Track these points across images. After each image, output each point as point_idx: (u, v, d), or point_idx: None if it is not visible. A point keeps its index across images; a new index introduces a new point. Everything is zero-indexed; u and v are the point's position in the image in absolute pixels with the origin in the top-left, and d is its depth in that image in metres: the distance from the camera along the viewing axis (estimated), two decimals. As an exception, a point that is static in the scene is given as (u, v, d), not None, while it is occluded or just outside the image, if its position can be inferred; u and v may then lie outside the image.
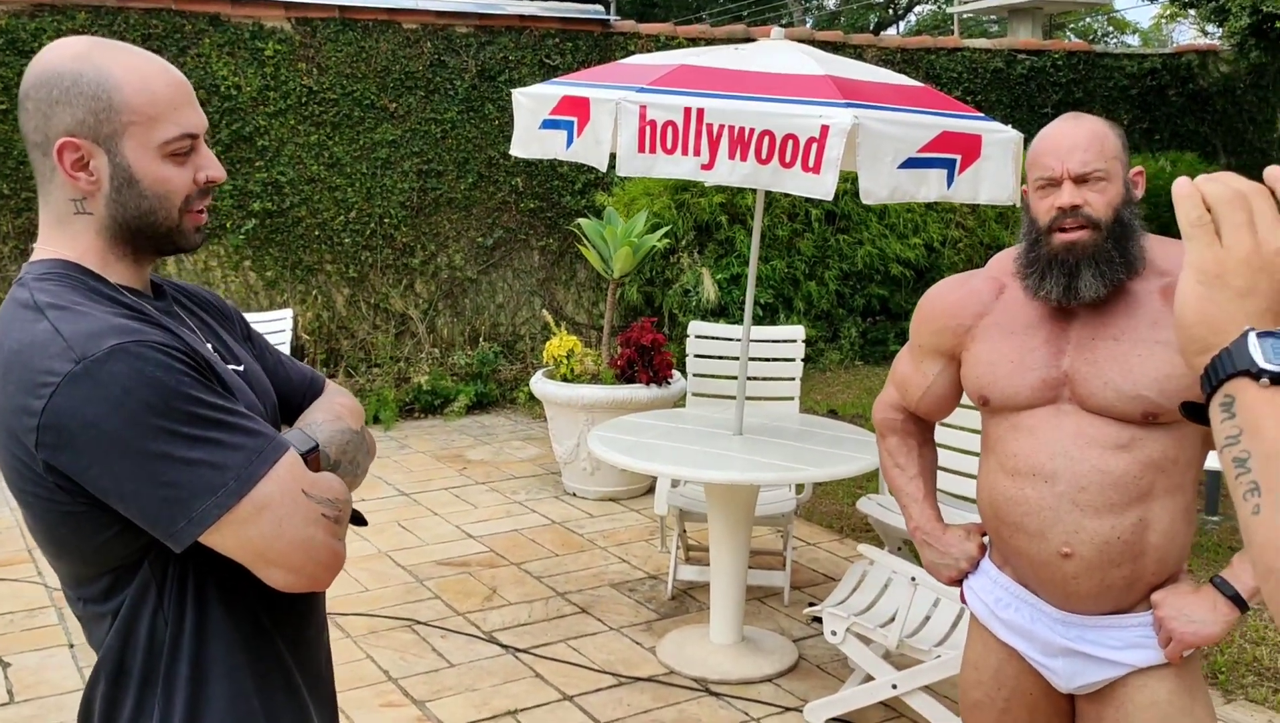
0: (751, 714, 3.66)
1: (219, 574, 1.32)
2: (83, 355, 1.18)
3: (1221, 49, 11.91)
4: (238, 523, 1.22)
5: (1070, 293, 1.90)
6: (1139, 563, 1.93)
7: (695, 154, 3.15)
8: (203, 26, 7.36)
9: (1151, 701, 1.96)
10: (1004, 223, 9.79)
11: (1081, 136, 1.89)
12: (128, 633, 1.30)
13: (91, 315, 1.23)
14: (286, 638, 1.41)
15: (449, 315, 8.37)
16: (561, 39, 8.52)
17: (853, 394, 8.07)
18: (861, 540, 5.29)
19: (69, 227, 1.33)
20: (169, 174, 1.32)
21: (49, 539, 1.29)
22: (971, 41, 10.73)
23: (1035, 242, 1.95)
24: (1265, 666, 3.96)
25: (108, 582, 1.30)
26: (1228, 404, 0.82)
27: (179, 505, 1.20)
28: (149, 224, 1.32)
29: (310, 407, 1.55)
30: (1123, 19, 29.51)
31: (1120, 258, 1.88)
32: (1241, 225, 0.84)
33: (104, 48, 1.30)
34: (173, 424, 1.19)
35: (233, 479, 1.21)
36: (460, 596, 4.62)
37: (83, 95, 1.27)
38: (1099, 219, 1.88)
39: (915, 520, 2.24)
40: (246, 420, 1.26)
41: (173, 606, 1.30)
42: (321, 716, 1.49)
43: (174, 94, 1.32)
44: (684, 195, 8.21)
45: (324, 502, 1.30)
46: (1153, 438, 1.90)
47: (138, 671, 1.31)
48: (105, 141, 1.28)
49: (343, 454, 1.48)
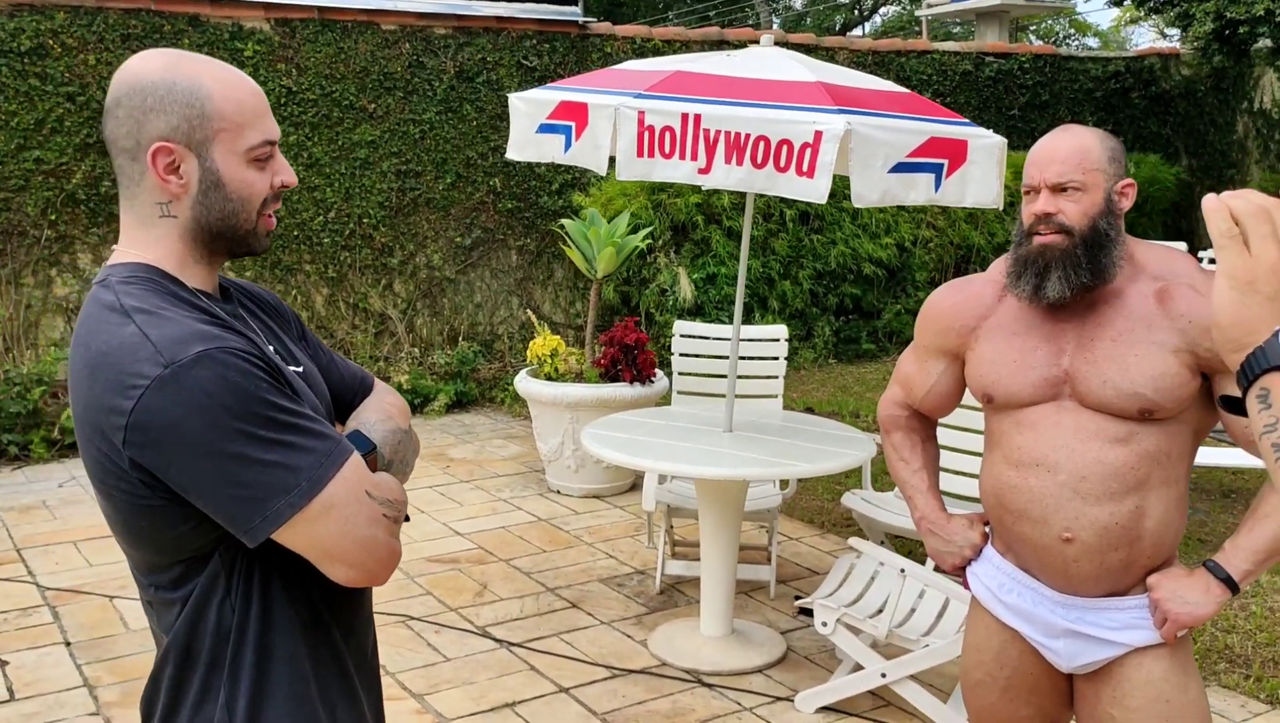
0: (744, 704, 3.75)
1: (283, 567, 1.39)
2: (171, 361, 1.25)
3: (1183, 53, 12.16)
4: (307, 522, 1.30)
5: (1039, 292, 2.04)
6: (1135, 548, 2.04)
7: (693, 158, 3.23)
8: (182, 27, 7.35)
9: (1147, 678, 2.07)
10: (974, 224, 9.97)
11: (1063, 150, 2.03)
12: (196, 619, 1.38)
13: (176, 321, 1.30)
14: (341, 627, 1.49)
15: (428, 315, 8.42)
16: (539, 40, 8.58)
17: (828, 392, 8.19)
18: (843, 535, 5.41)
19: (152, 229, 1.39)
20: (252, 178, 1.40)
21: (127, 529, 1.36)
22: (941, 44, 10.90)
23: (1019, 243, 2.10)
24: (1237, 653, 4.10)
25: (179, 571, 1.37)
26: (1264, 396, 0.91)
27: (254, 504, 1.28)
28: (230, 226, 1.40)
29: (361, 405, 1.62)
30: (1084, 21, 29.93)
31: (1088, 264, 2.01)
32: (1267, 236, 0.95)
33: (192, 59, 1.38)
34: (251, 427, 1.26)
35: (305, 481, 1.29)
36: (452, 592, 4.68)
37: (177, 103, 1.35)
38: (1071, 226, 2.01)
39: (920, 511, 2.34)
40: (316, 424, 1.33)
41: (240, 595, 1.38)
42: (369, 698, 1.57)
43: (257, 103, 1.40)
44: (661, 196, 8.30)
45: (384, 502, 1.38)
46: (1148, 432, 2.01)
47: (205, 655, 1.38)
48: (197, 147, 1.36)
49: (395, 453, 1.55)
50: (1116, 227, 2.04)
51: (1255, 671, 3.95)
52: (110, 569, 4.89)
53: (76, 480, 6.24)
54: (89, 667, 3.98)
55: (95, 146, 7.19)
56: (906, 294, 9.69)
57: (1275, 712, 3.71)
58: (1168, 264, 2.07)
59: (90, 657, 4.05)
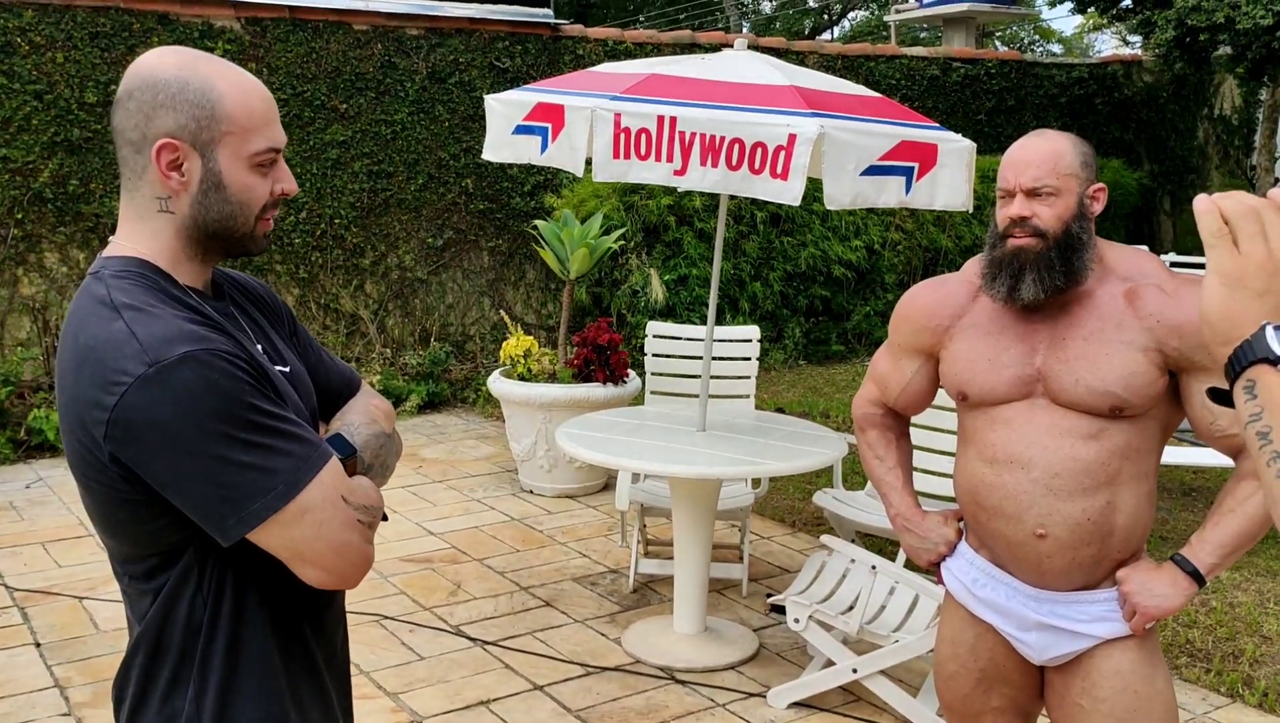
0: (717, 701, 3.80)
1: (256, 565, 1.41)
2: (155, 360, 1.27)
3: (1145, 60, 12.35)
4: (282, 524, 1.32)
5: (1014, 294, 2.09)
6: (1107, 543, 2.10)
7: (668, 160, 3.27)
8: (151, 25, 7.31)
9: (1116, 669, 2.13)
10: (941, 226, 10.08)
11: (1037, 154, 2.07)
12: (168, 611, 1.40)
13: (164, 319, 1.31)
14: (312, 624, 1.51)
15: (399, 316, 8.41)
16: (511, 41, 8.60)
17: (798, 392, 8.26)
18: (813, 534, 5.47)
19: (149, 223, 1.41)
20: (253, 183, 1.42)
21: (104, 520, 1.38)
22: (909, 50, 11.01)
23: (993, 246, 2.14)
24: (1198, 647, 4.19)
25: (154, 562, 1.39)
26: (1250, 387, 0.97)
27: (231, 505, 1.30)
28: (227, 228, 1.42)
29: (346, 407, 1.64)
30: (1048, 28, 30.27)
31: (1062, 267, 2.06)
32: (1256, 235, 1.00)
33: (207, 60, 1.40)
34: (232, 429, 1.28)
35: (282, 484, 1.31)
36: (425, 591, 4.70)
37: (188, 102, 1.36)
38: (1046, 230, 2.06)
39: (895, 508, 2.39)
40: (296, 428, 1.36)
41: (212, 590, 1.40)
42: (338, 695, 1.59)
43: (267, 110, 1.42)
44: (633, 197, 8.34)
45: (360, 508, 1.41)
46: (1119, 429, 2.07)
47: (175, 646, 1.41)
48: (202, 147, 1.38)
49: (376, 457, 1.58)
50: (1088, 230, 2.09)
51: (1216, 664, 4.04)
52: (79, 570, 4.86)
53: (44, 481, 6.19)
54: (59, 668, 3.96)
55: (63, 145, 7.14)
56: (876, 296, 9.78)
57: (1235, 705, 3.79)
58: (1136, 265, 2.13)
59: (60, 658, 4.03)
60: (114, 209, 7.27)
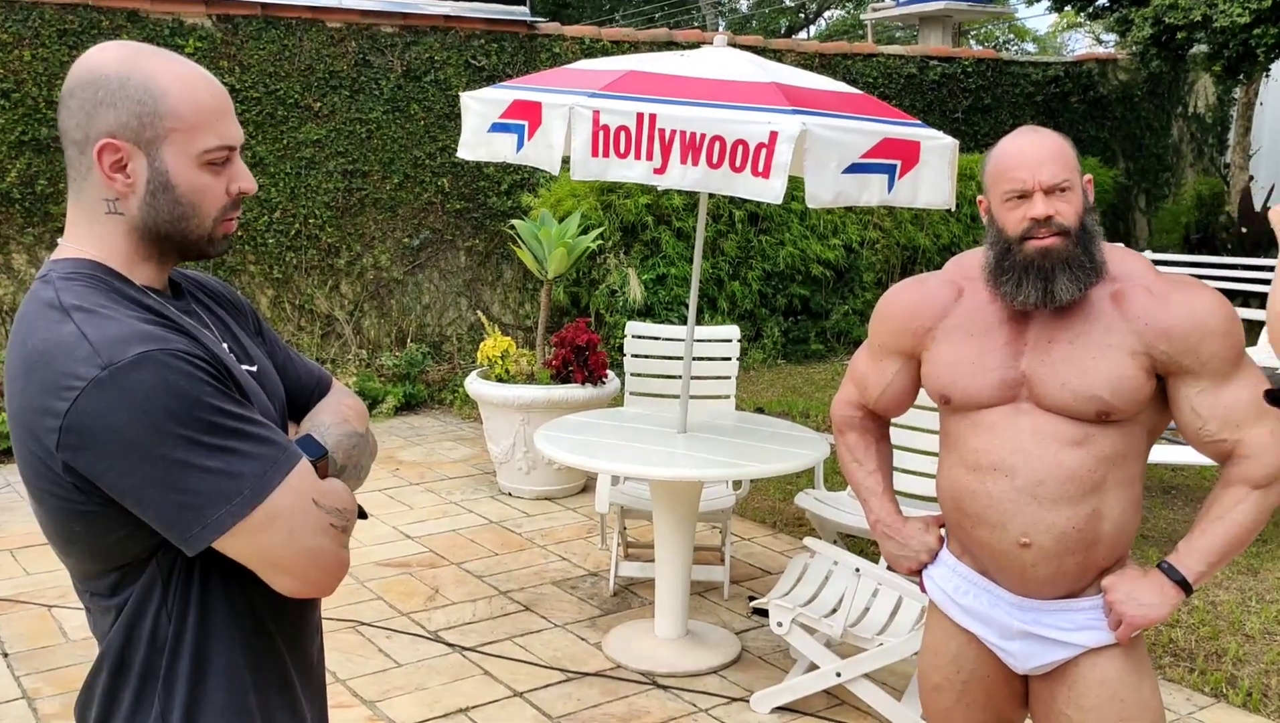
0: (699, 706, 3.75)
1: (223, 575, 1.35)
2: (109, 361, 1.20)
3: (1120, 58, 12.39)
4: (250, 531, 1.25)
5: (1048, 296, 2.00)
6: (1092, 551, 2.05)
7: (648, 158, 3.22)
8: (120, 22, 7.20)
9: (1102, 678, 2.08)
10: (919, 225, 10.07)
11: (1047, 150, 2.00)
12: (131, 628, 1.33)
13: (117, 320, 1.25)
14: (285, 636, 1.45)
15: (375, 316, 8.32)
16: (487, 40, 8.53)
17: (777, 392, 8.23)
18: (794, 535, 5.43)
19: (98, 225, 1.34)
20: (205, 183, 1.35)
21: (60, 534, 1.31)
22: (886, 48, 11.00)
23: (1006, 251, 2.03)
24: (1181, 647, 4.17)
25: (115, 578, 1.33)
26: None
27: (194, 512, 1.23)
28: (179, 230, 1.35)
29: (317, 407, 1.58)
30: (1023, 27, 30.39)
31: (1090, 263, 2.00)
32: None
33: (151, 54, 1.33)
34: (193, 432, 1.21)
35: (248, 488, 1.24)
36: (403, 596, 4.63)
37: (129, 99, 1.29)
38: (1069, 227, 1.99)
39: (875, 514, 2.33)
40: (263, 429, 1.29)
41: (177, 604, 1.33)
42: (312, 708, 1.52)
43: (216, 105, 1.34)
44: (610, 197, 8.28)
45: (333, 512, 1.34)
46: (1105, 435, 2.02)
47: (139, 665, 1.34)
48: (146, 146, 1.31)
49: (349, 458, 1.51)
50: (1096, 221, 2.05)
51: (1199, 664, 4.02)
52: (47, 578, 4.76)
53: (12, 487, 6.08)
54: (27, 678, 3.87)
55: (30, 145, 7.02)
56: (854, 294, 9.76)
57: (1220, 705, 3.78)
58: (1123, 265, 2.08)
59: (28, 668, 3.95)
60: (83, 209, 7.16)
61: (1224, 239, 11.81)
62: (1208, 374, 1.99)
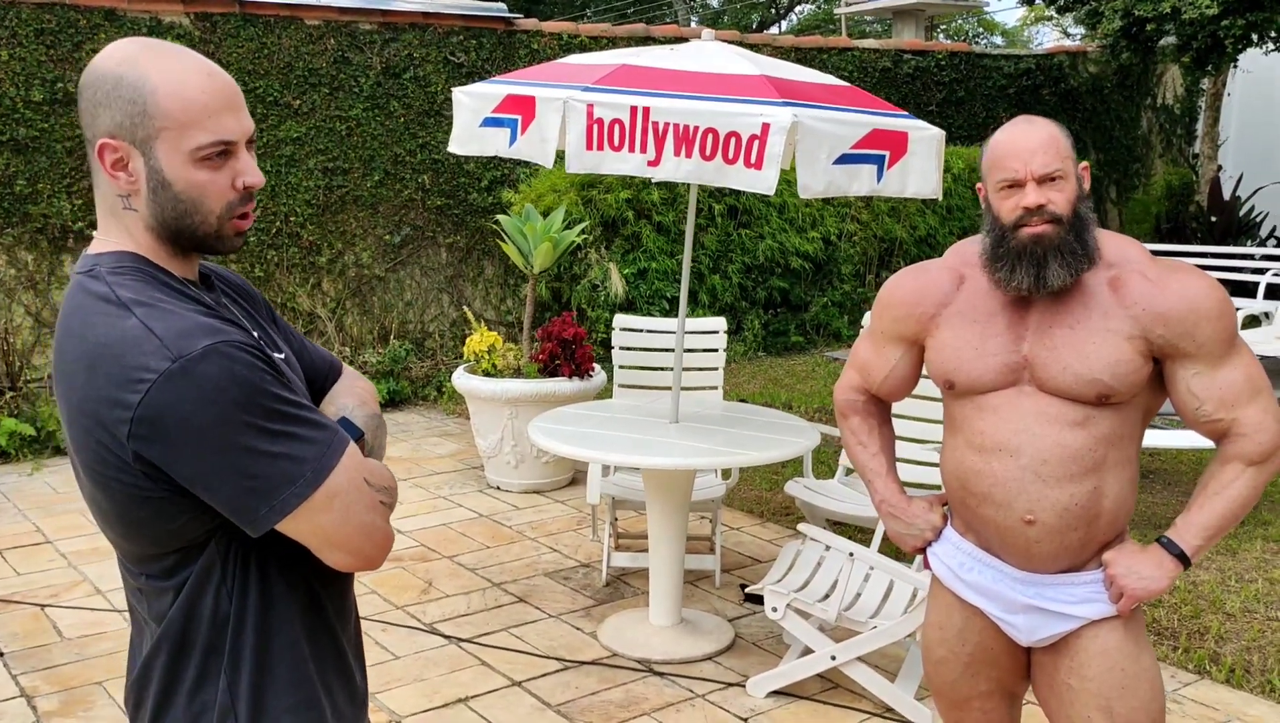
0: (696, 692, 3.80)
1: (278, 553, 1.40)
2: (179, 355, 1.25)
3: (1090, 50, 12.53)
4: (311, 511, 1.31)
5: (1040, 282, 2.06)
6: (1093, 527, 2.12)
7: (642, 151, 3.26)
8: (98, 21, 7.16)
9: (1103, 649, 2.15)
10: (896, 217, 10.16)
11: (1039, 140, 2.06)
12: (191, 607, 1.38)
13: (178, 314, 1.29)
14: (334, 607, 1.51)
15: (357, 314, 8.32)
16: (465, 36, 8.53)
17: (759, 384, 8.29)
18: (782, 524, 5.49)
19: (121, 219, 1.39)
20: (202, 179, 1.36)
21: (123, 520, 1.35)
22: (861, 42, 11.08)
23: (1001, 238, 2.10)
24: (1164, 626, 4.26)
25: (174, 560, 1.37)
26: None
27: (261, 495, 1.29)
28: (185, 226, 1.38)
29: (334, 390, 1.63)
30: (992, 20, 30.62)
31: (1082, 249, 2.07)
32: None
33: (151, 52, 1.34)
34: (258, 420, 1.27)
35: (309, 471, 1.30)
36: (396, 589, 4.65)
37: (121, 99, 1.32)
38: (1061, 215, 2.05)
39: (880, 494, 2.39)
40: (315, 414, 1.35)
41: (236, 582, 1.38)
42: (358, 671, 1.58)
43: (210, 100, 1.34)
44: (591, 192, 8.31)
45: (381, 489, 1.41)
46: (1104, 416, 2.09)
47: (201, 641, 1.39)
48: (141, 145, 1.33)
49: (374, 438, 1.57)
50: (1090, 207, 2.11)
51: (1183, 642, 4.11)
52: (39, 578, 4.76)
53: None
54: (24, 677, 3.87)
55: (9, 145, 6.97)
56: (833, 287, 9.84)
57: (1204, 681, 3.87)
58: (1120, 251, 2.14)
59: (25, 667, 3.95)
60: (62, 209, 7.12)
61: (1194, 228, 11.99)
62: (1203, 357, 2.06)
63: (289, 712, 1.42)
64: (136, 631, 1.49)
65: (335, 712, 1.49)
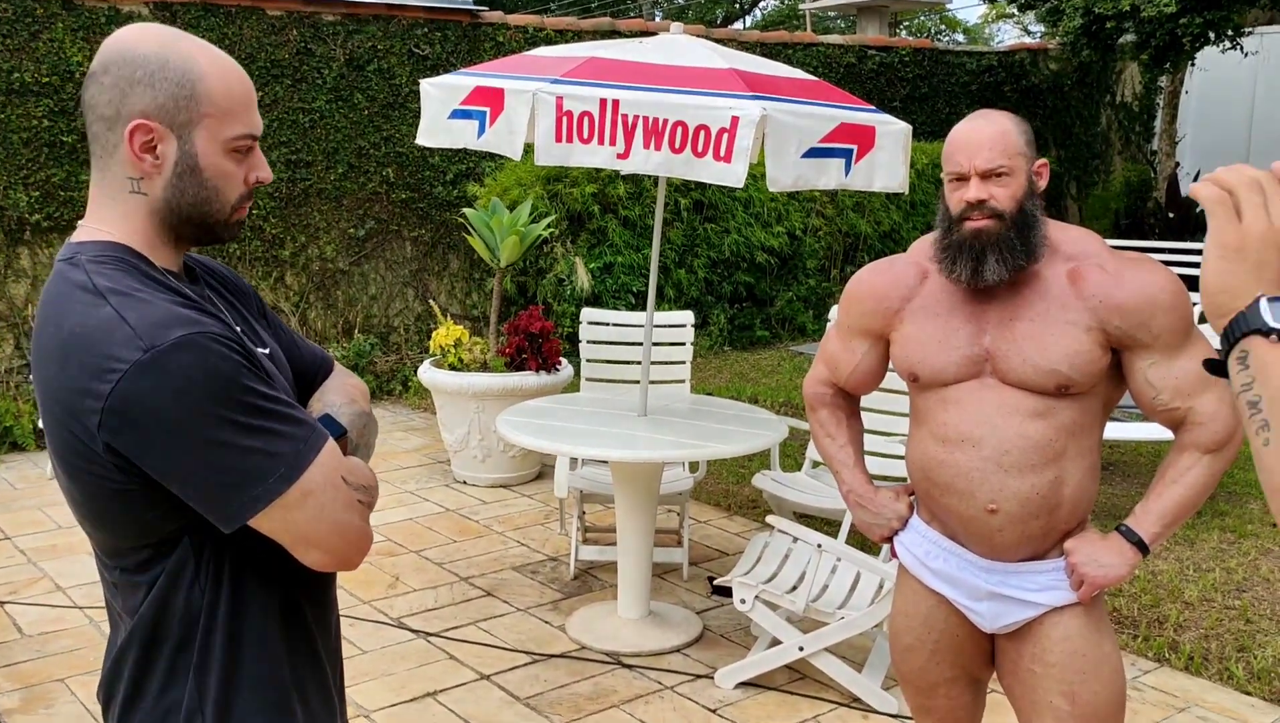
0: (664, 683, 3.81)
1: (254, 550, 1.38)
2: (151, 345, 1.23)
3: (1051, 48, 12.67)
4: (285, 508, 1.29)
5: (976, 276, 2.11)
6: (1055, 515, 2.16)
7: (611, 144, 3.26)
8: (55, 10, 7.05)
9: (1065, 635, 2.19)
10: (860, 212, 10.22)
11: (987, 136, 2.10)
12: (164, 602, 1.36)
13: (153, 304, 1.27)
14: (312, 607, 1.49)
15: (321, 307, 8.26)
16: (430, 29, 8.49)
17: (725, 379, 8.31)
18: (749, 517, 5.51)
19: (121, 204, 1.36)
20: (229, 169, 1.37)
21: (93, 512, 1.33)
22: (826, 38, 11.13)
23: (948, 230, 2.15)
24: (1125, 615, 4.33)
25: (146, 554, 1.35)
26: (1243, 357, 0.99)
27: (233, 490, 1.27)
28: (201, 213, 1.37)
29: (324, 387, 1.61)
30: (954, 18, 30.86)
31: (1021, 245, 2.10)
32: (1259, 206, 1.02)
33: (189, 39, 1.36)
34: (232, 413, 1.25)
35: (284, 467, 1.28)
36: (363, 584, 4.63)
37: (168, 80, 1.32)
38: (1003, 210, 2.09)
39: (848, 484, 2.42)
40: (292, 410, 1.33)
41: (209, 578, 1.36)
42: (334, 677, 1.56)
43: (246, 94, 1.37)
44: (557, 186, 8.30)
45: (359, 488, 1.38)
46: (1065, 407, 2.13)
47: (173, 638, 1.37)
48: (179, 129, 1.33)
49: (361, 437, 1.55)
50: (1039, 206, 2.14)
51: (1142, 631, 4.18)
52: (0, 573, 4.69)
53: (-46, 484, 5.96)
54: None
55: (-36, 135, 6.85)
56: (798, 281, 9.89)
57: (1163, 669, 3.93)
58: (1079, 245, 2.18)
59: None
60: (19, 201, 7.01)
61: (1152, 224, 12.16)
62: (1160, 347, 2.10)
63: (258, 713, 1.39)
64: (112, 626, 1.47)
65: (308, 716, 1.46)
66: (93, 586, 4.57)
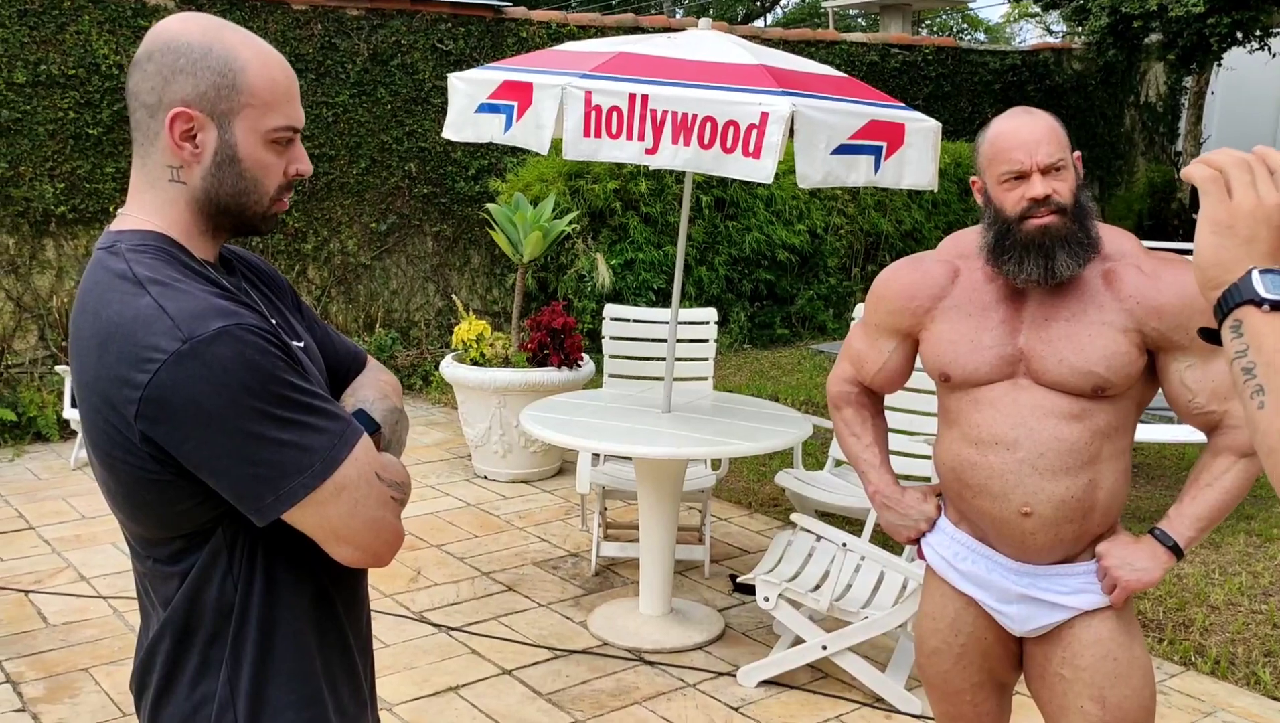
0: (686, 681, 3.80)
1: (287, 544, 1.37)
2: (189, 335, 1.22)
3: (1075, 47, 12.59)
4: (319, 502, 1.28)
5: (1049, 274, 2.06)
6: (1088, 519, 2.13)
7: (640, 139, 3.25)
8: (82, 3, 7.08)
9: (1095, 638, 2.17)
10: (882, 211, 10.18)
11: (1042, 130, 2.06)
12: (196, 594, 1.35)
13: (193, 294, 1.27)
14: (344, 601, 1.48)
15: (343, 302, 8.28)
16: (454, 24, 8.49)
17: (745, 377, 8.30)
18: (770, 515, 5.50)
19: (161, 192, 1.36)
20: (269, 160, 1.37)
21: (129, 501, 1.33)
22: (849, 35, 11.09)
23: (1005, 231, 2.09)
24: (1150, 618, 4.29)
25: (180, 545, 1.35)
26: (1236, 326, 1.04)
27: (268, 484, 1.26)
28: (239, 204, 1.37)
29: (356, 382, 1.60)
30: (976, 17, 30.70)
31: (1086, 238, 2.07)
32: (1247, 184, 1.07)
33: (232, 29, 1.35)
34: (268, 406, 1.24)
35: (319, 461, 1.27)
36: (385, 578, 4.63)
37: (210, 69, 1.31)
38: (1066, 205, 2.05)
39: (874, 485, 2.39)
40: (328, 404, 1.32)
41: (242, 570, 1.36)
42: (364, 671, 1.56)
43: (289, 86, 1.37)
44: (579, 182, 8.29)
45: (392, 485, 1.38)
46: (1100, 409, 2.10)
47: (205, 629, 1.36)
48: (219, 118, 1.33)
49: (393, 433, 1.54)
50: (1090, 197, 2.12)
51: (1168, 634, 4.14)
52: (23, 564, 4.72)
53: (-21, 474, 6.00)
54: (10, 663, 3.84)
55: (-10, 127, 6.90)
56: (819, 280, 9.86)
57: (1189, 673, 3.90)
58: (1115, 244, 2.15)
59: (10, 653, 3.91)
60: (45, 193, 7.04)
61: (1175, 225, 12.07)
62: (1197, 349, 2.07)
63: (291, 707, 1.39)
64: (144, 617, 1.47)
65: (339, 709, 1.46)
66: (117, 576, 4.59)
